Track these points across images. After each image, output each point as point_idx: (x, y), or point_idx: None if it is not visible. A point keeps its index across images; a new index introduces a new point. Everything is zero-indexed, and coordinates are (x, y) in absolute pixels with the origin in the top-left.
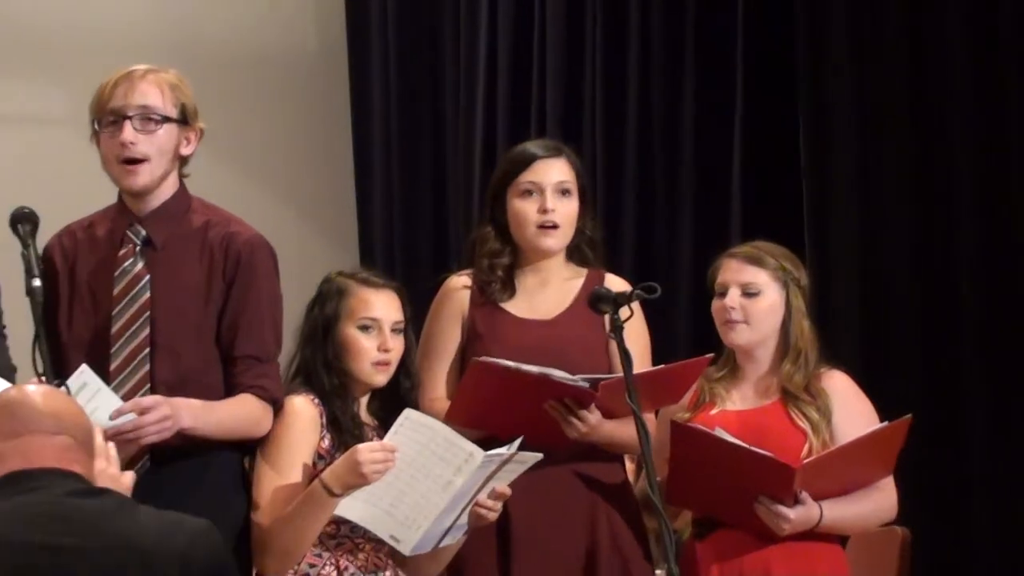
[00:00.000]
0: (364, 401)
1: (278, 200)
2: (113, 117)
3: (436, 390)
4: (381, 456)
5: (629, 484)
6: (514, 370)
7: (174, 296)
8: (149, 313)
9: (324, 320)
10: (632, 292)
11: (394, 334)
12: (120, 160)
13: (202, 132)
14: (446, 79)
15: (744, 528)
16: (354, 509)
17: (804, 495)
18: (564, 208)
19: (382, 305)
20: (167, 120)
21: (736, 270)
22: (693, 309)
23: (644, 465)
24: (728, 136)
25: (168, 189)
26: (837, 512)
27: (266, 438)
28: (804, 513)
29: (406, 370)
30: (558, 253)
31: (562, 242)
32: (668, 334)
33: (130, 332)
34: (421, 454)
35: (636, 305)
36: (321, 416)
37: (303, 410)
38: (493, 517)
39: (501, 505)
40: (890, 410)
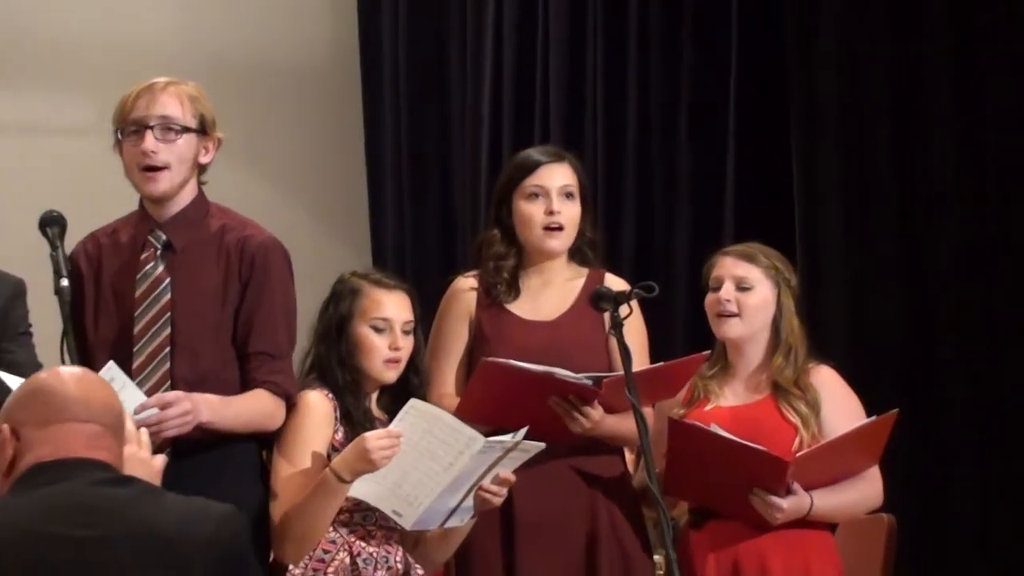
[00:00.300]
0: (374, 396)
1: (293, 204)
2: (135, 127)
3: (445, 386)
4: (388, 442)
5: (628, 476)
6: (521, 369)
7: (193, 298)
8: (169, 314)
9: (338, 319)
10: (632, 291)
11: (404, 333)
12: (142, 168)
13: (220, 141)
14: (453, 88)
15: (738, 518)
16: (361, 488)
17: (796, 486)
18: (568, 211)
19: (393, 306)
20: (186, 130)
21: (731, 266)
22: (689, 307)
23: (643, 457)
24: (723, 143)
25: (187, 195)
26: (827, 501)
27: (282, 431)
28: (796, 503)
29: (415, 367)
30: (562, 254)
31: (566, 244)
32: (665, 331)
33: (152, 332)
34: (424, 439)
35: (635, 303)
36: (335, 410)
37: (318, 404)
38: (498, 502)
39: (506, 491)
40: (876, 405)
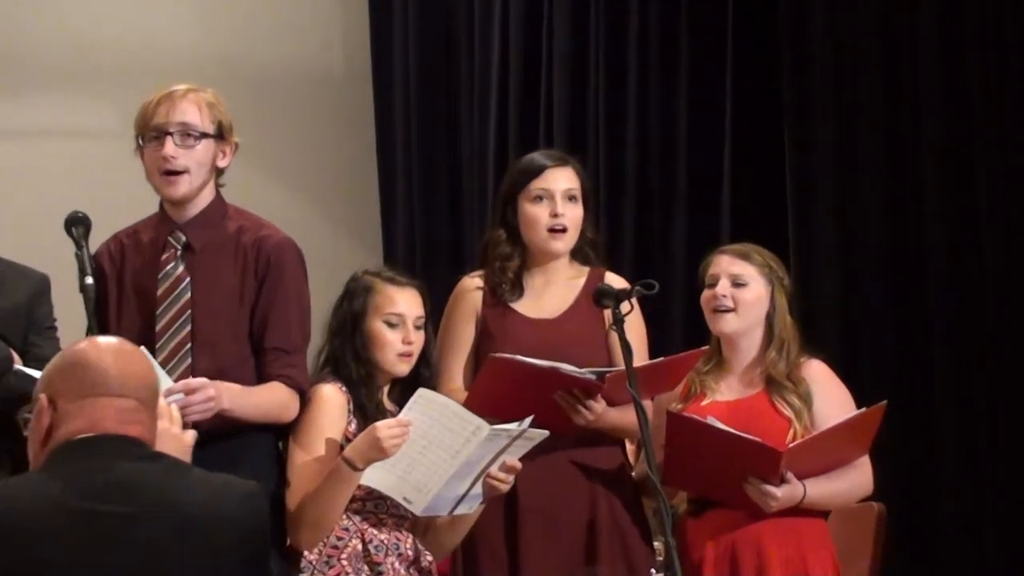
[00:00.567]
0: (386, 389)
1: (307, 205)
2: (156, 133)
3: (453, 381)
4: (398, 431)
5: (627, 467)
6: (528, 365)
7: (212, 296)
8: (190, 312)
9: (353, 315)
10: (633, 288)
11: (416, 328)
12: (162, 172)
13: (237, 146)
14: (461, 94)
15: (735, 506)
16: (372, 476)
17: (789, 475)
18: (571, 213)
19: (406, 302)
20: (205, 136)
21: (727, 263)
22: (686, 305)
23: (644, 448)
24: (719, 147)
25: (206, 198)
26: (819, 489)
27: (298, 422)
28: (789, 491)
29: (426, 361)
30: (565, 254)
31: (569, 244)
32: (663, 329)
33: (173, 329)
34: (432, 427)
35: (634, 301)
36: (348, 403)
37: (332, 397)
38: (505, 488)
39: (512, 477)
40: (866, 397)
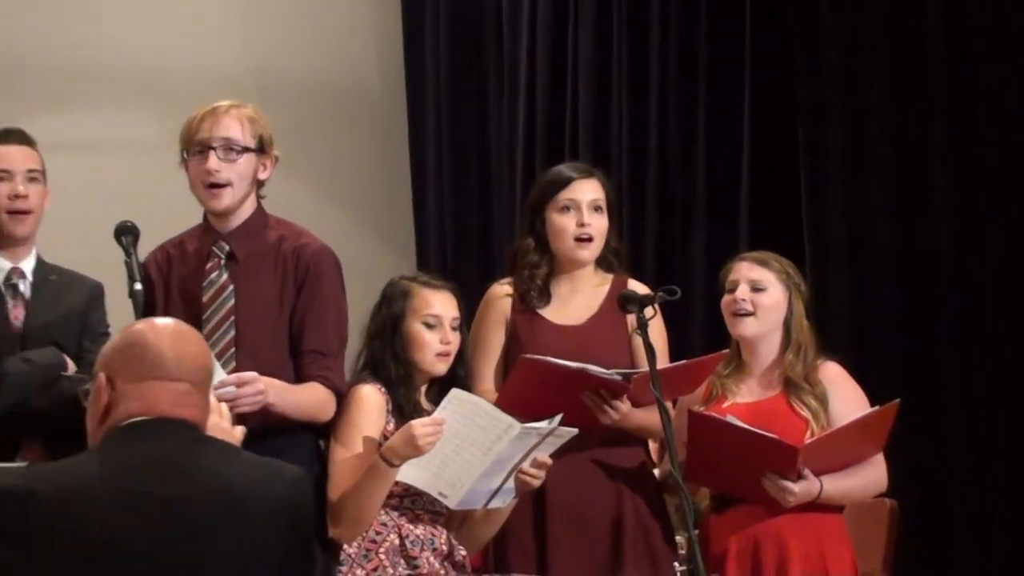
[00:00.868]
0: (424, 389)
1: (344, 214)
2: (199, 147)
3: (485, 383)
4: (432, 429)
5: (649, 466)
6: (558, 366)
7: (254, 303)
8: (233, 318)
9: (392, 317)
10: (656, 294)
11: (452, 329)
12: (206, 185)
13: (277, 159)
14: (490, 108)
15: (754, 502)
16: (409, 473)
17: (806, 471)
18: (597, 223)
19: (442, 304)
20: (246, 150)
21: (746, 269)
22: (706, 311)
23: (667, 446)
24: (737, 155)
25: (248, 209)
26: (835, 485)
27: (338, 422)
28: (806, 487)
29: (461, 360)
30: (591, 263)
31: (595, 253)
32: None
33: (218, 334)
34: (466, 426)
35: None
36: (387, 403)
37: (371, 397)
38: (537, 483)
39: (544, 473)
40: (877, 398)
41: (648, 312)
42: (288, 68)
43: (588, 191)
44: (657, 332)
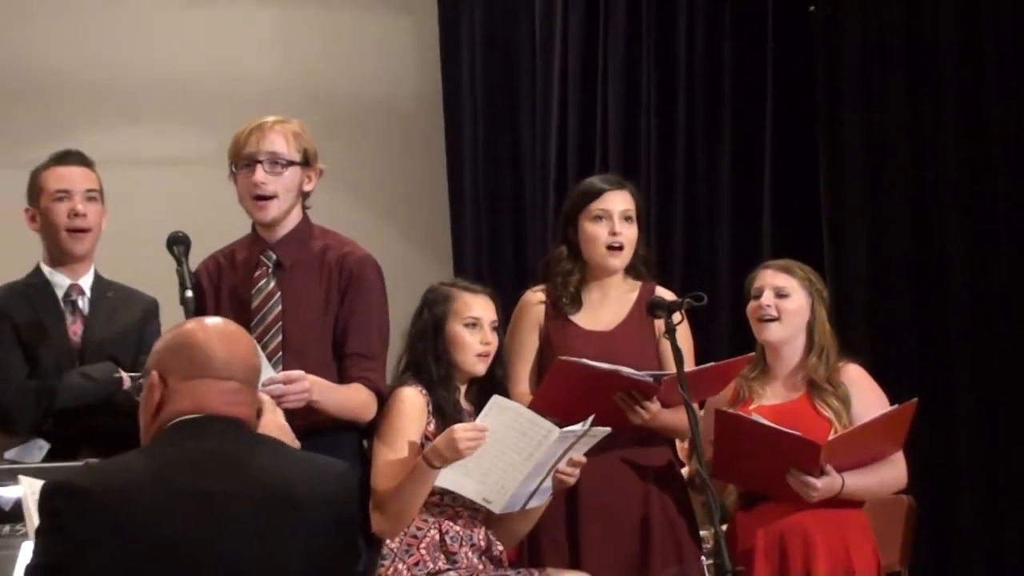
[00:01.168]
0: (463, 389)
1: (385, 224)
2: (247, 161)
3: (520, 385)
4: (474, 434)
5: (675, 466)
6: (591, 367)
7: (300, 309)
8: (281, 323)
9: (434, 320)
10: (684, 300)
11: (492, 330)
12: (253, 197)
13: (321, 172)
14: (523, 123)
15: (777, 497)
16: (453, 480)
17: (829, 467)
18: (628, 232)
19: (481, 306)
20: (292, 164)
21: (771, 276)
22: (731, 317)
23: (694, 445)
24: (759, 174)
25: (294, 219)
26: (857, 481)
27: (381, 422)
28: (829, 483)
29: (500, 361)
30: (621, 270)
31: (625, 261)
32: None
33: (267, 338)
34: (507, 432)
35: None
36: (427, 404)
37: (413, 398)
38: (571, 481)
39: (578, 471)
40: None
41: (676, 318)
42: (329, 84)
43: (620, 201)
44: (684, 337)
